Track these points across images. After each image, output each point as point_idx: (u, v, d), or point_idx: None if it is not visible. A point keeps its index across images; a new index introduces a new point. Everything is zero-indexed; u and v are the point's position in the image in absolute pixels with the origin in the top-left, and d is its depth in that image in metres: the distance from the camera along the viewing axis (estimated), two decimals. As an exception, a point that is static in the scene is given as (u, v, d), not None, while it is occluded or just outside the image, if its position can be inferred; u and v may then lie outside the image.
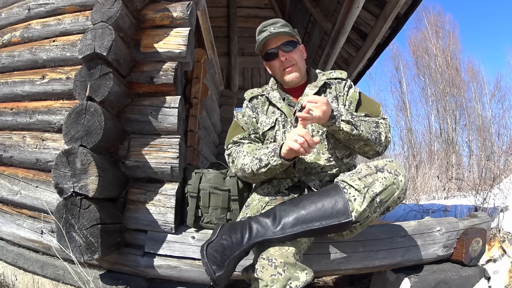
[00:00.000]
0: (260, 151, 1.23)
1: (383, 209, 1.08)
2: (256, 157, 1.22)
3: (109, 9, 1.47)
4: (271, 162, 1.17)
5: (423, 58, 14.70)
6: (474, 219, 1.69)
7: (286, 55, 1.35)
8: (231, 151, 1.37)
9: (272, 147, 1.21)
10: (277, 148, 1.17)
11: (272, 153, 1.18)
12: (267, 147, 1.23)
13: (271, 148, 1.20)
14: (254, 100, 1.47)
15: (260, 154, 1.22)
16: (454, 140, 12.64)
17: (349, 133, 1.21)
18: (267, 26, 1.36)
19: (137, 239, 1.45)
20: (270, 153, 1.18)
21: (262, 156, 1.20)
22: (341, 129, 1.20)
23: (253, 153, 1.25)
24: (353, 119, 1.22)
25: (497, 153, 6.65)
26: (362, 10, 3.20)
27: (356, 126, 1.22)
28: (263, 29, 1.37)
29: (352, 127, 1.21)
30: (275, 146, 1.20)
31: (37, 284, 1.53)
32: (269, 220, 1.05)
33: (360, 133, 1.22)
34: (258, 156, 1.22)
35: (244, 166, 1.26)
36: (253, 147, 1.30)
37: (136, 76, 1.56)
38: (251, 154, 1.25)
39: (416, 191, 5.18)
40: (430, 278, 1.44)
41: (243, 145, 1.34)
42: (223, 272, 0.99)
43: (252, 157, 1.24)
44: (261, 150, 1.23)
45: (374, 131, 1.26)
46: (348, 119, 1.20)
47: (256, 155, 1.23)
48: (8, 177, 1.72)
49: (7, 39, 1.94)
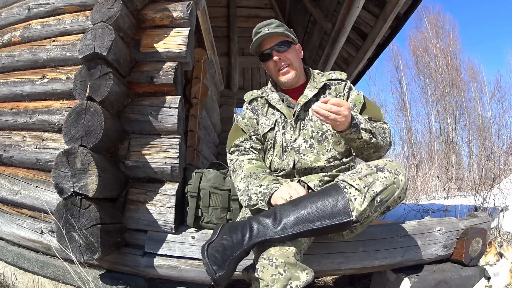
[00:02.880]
0: (254, 186, 1.21)
1: (384, 208, 1.08)
2: (247, 193, 1.22)
3: (109, 9, 1.47)
4: (258, 205, 1.18)
5: (423, 58, 14.71)
6: (474, 219, 1.69)
7: (280, 55, 1.35)
8: (232, 158, 1.37)
9: (265, 186, 1.19)
10: (268, 194, 1.16)
11: (262, 197, 1.17)
12: (260, 184, 1.21)
13: (263, 189, 1.18)
14: (254, 102, 1.47)
15: (251, 191, 1.21)
16: (454, 140, 12.65)
17: (367, 141, 1.20)
18: (261, 27, 1.37)
19: (137, 239, 1.45)
20: (261, 196, 1.18)
21: (253, 195, 1.20)
22: (361, 137, 1.19)
23: (248, 182, 1.24)
24: (371, 127, 1.21)
25: (497, 153, 6.66)
26: (362, 10, 3.20)
27: (374, 134, 1.20)
28: (258, 30, 1.37)
29: (371, 136, 1.20)
30: (266, 191, 1.17)
31: (37, 284, 1.53)
32: (270, 220, 1.05)
33: (377, 141, 1.22)
34: (249, 194, 1.21)
35: (238, 191, 1.28)
36: (251, 169, 1.28)
37: (136, 76, 1.56)
38: (246, 182, 1.24)
39: (416, 191, 5.18)
40: (430, 278, 1.44)
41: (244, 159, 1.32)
42: (224, 272, 0.99)
43: (246, 187, 1.23)
44: (254, 187, 1.21)
45: (383, 137, 1.27)
46: (367, 127, 1.19)
47: (249, 187, 1.22)
48: (8, 177, 1.72)
49: (7, 39, 1.94)
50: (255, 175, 1.25)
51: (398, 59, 16.00)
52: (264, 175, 1.25)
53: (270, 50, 1.36)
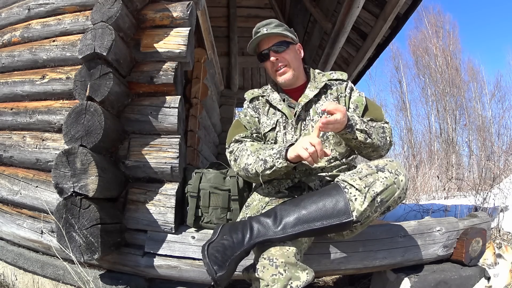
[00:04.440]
0: (265, 151, 1.20)
1: (384, 208, 1.08)
2: (261, 158, 1.19)
3: (109, 9, 1.47)
4: (276, 164, 1.15)
5: (423, 58, 14.71)
6: (474, 219, 1.69)
7: (277, 55, 1.35)
8: (233, 148, 1.34)
9: (277, 148, 1.17)
10: (283, 150, 1.14)
11: (277, 155, 1.15)
12: (272, 147, 1.20)
13: (276, 150, 1.16)
14: (255, 101, 1.46)
15: (265, 155, 1.18)
16: (454, 140, 12.64)
17: (362, 142, 1.22)
18: (260, 27, 1.36)
19: (137, 239, 1.45)
20: (276, 155, 1.15)
21: (267, 157, 1.17)
22: (356, 138, 1.20)
23: (257, 153, 1.22)
24: (366, 127, 1.22)
25: (497, 153, 6.66)
26: (362, 10, 3.20)
27: (369, 135, 1.22)
28: (257, 30, 1.37)
29: (366, 136, 1.22)
30: (280, 148, 1.16)
31: (37, 284, 1.53)
32: (270, 220, 1.05)
33: (373, 141, 1.23)
34: (263, 157, 1.18)
35: (248, 166, 1.23)
36: (256, 146, 1.27)
37: (136, 76, 1.56)
38: (255, 154, 1.22)
39: (416, 191, 5.18)
40: (430, 278, 1.44)
41: (245, 143, 1.31)
42: (224, 272, 0.99)
43: (256, 157, 1.21)
44: (266, 151, 1.20)
45: (382, 137, 1.28)
46: (362, 128, 1.21)
47: (260, 155, 1.20)
48: (8, 177, 1.72)
49: (7, 39, 1.94)
50: (262, 148, 1.24)
51: (398, 59, 16.03)
52: (272, 146, 1.22)
53: (267, 51, 1.36)
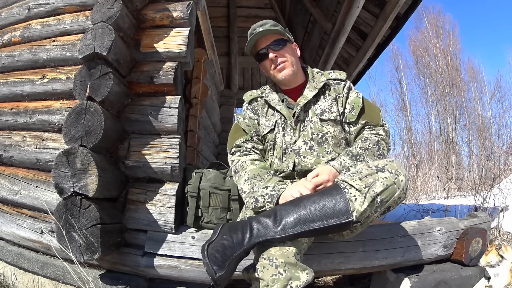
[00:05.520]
0: (260, 187, 1.20)
1: (384, 209, 1.08)
2: (253, 196, 1.20)
3: (109, 9, 1.47)
4: (265, 206, 1.16)
5: (423, 58, 14.71)
6: (474, 219, 1.69)
7: (276, 52, 1.35)
8: (234, 159, 1.35)
9: (271, 189, 1.17)
10: (275, 197, 1.15)
11: (269, 199, 1.16)
12: (266, 186, 1.19)
13: (269, 192, 1.17)
14: (254, 102, 1.46)
15: (257, 193, 1.19)
16: (454, 140, 12.64)
17: None
18: (256, 28, 1.37)
19: (137, 239, 1.45)
20: (268, 198, 1.16)
21: (259, 197, 1.18)
22: None
23: (253, 184, 1.22)
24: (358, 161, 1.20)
25: (497, 153, 6.66)
26: (362, 10, 3.21)
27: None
28: (252, 31, 1.37)
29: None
30: (274, 192, 1.16)
31: (37, 284, 1.53)
32: (270, 220, 1.05)
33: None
34: (255, 195, 1.19)
35: (242, 193, 1.27)
36: (255, 170, 1.27)
37: (136, 76, 1.56)
38: (251, 184, 1.23)
39: (416, 191, 5.18)
40: (430, 278, 1.44)
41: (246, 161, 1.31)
42: (224, 272, 0.99)
43: (251, 189, 1.22)
44: (260, 189, 1.20)
45: (378, 155, 1.27)
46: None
47: (254, 189, 1.21)
48: (8, 177, 1.72)
49: (7, 39, 1.94)
50: (259, 177, 1.25)
51: (398, 59, 16.02)
52: (269, 177, 1.24)
53: (266, 49, 1.36)
